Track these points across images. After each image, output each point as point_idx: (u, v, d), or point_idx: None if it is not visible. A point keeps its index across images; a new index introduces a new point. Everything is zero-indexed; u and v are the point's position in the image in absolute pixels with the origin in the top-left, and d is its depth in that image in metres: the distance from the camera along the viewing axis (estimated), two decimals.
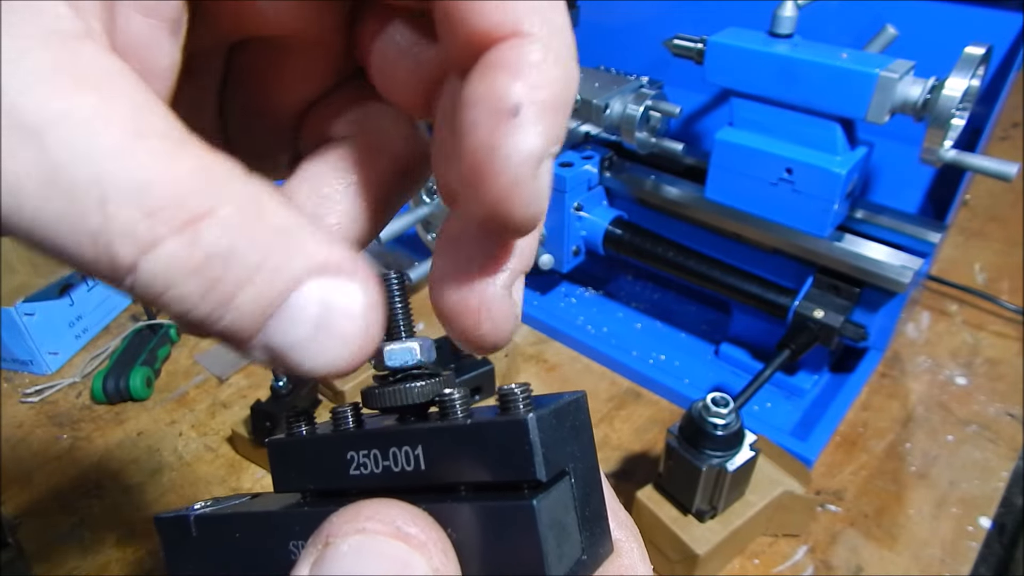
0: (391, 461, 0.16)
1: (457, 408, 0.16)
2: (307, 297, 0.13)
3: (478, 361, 0.58)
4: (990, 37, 0.50)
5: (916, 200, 0.64)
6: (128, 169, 0.12)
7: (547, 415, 0.15)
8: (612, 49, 0.80)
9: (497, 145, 0.13)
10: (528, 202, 0.14)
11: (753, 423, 0.54)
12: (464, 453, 0.15)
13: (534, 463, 0.14)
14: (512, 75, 0.13)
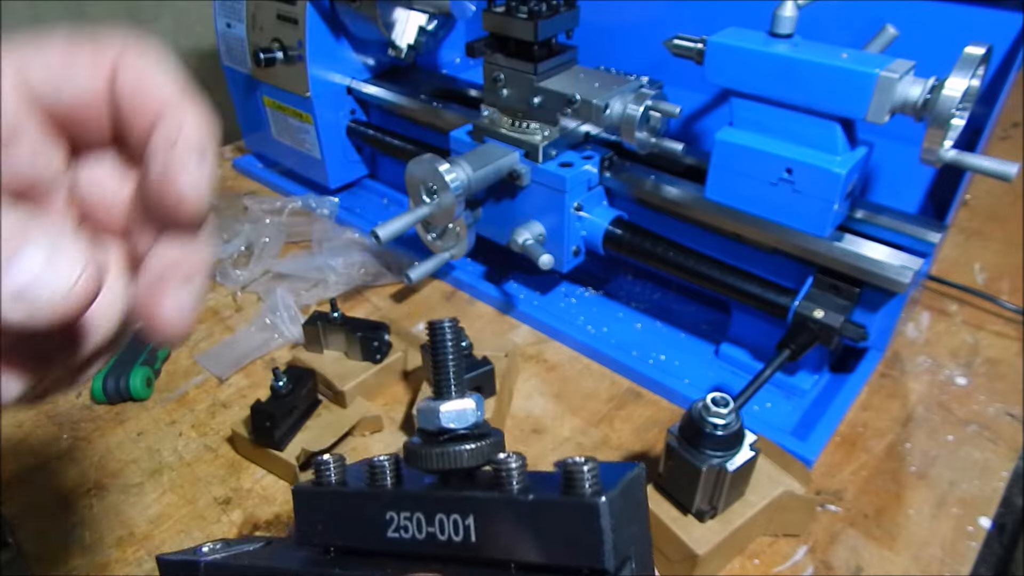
0: (437, 528, 0.15)
1: (515, 478, 0.15)
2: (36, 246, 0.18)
3: (478, 361, 0.58)
4: (990, 37, 0.50)
5: (916, 200, 0.64)
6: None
7: (616, 497, 0.14)
8: (612, 49, 0.80)
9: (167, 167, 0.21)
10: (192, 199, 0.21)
11: (753, 423, 0.54)
12: (522, 530, 0.14)
13: (603, 552, 0.13)
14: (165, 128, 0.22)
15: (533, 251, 0.64)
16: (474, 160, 0.64)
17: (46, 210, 0.23)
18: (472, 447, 0.16)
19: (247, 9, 0.87)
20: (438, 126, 0.81)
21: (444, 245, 0.71)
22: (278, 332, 0.72)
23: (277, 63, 0.86)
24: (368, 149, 0.95)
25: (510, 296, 0.76)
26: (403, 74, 0.92)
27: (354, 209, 0.93)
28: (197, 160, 0.22)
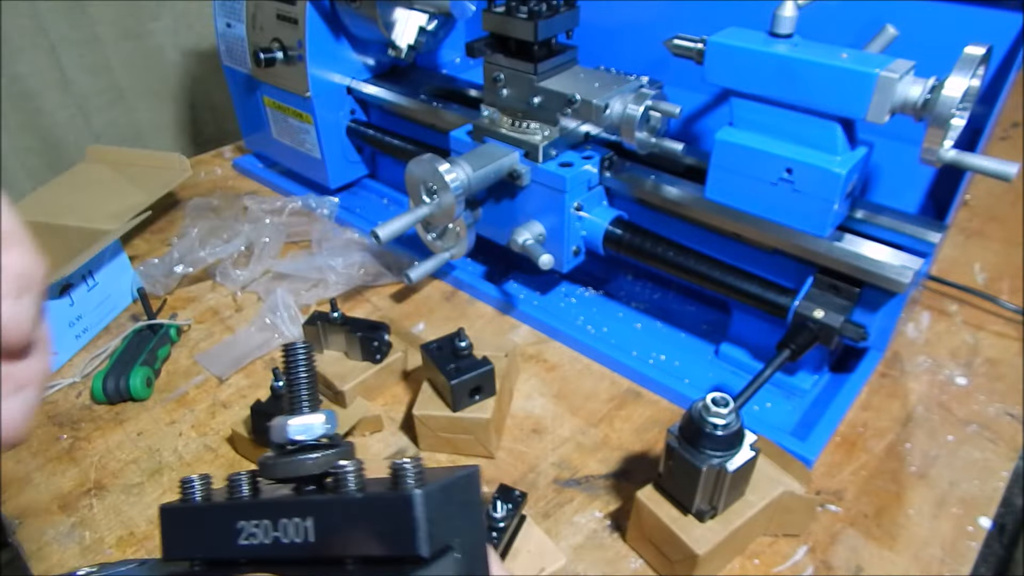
0: (281, 532, 0.16)
1: (350, 480, 0.16)
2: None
3: (478, 361, 0.58)
4: (990, 37, 0.50)
5: (916, 200, 0.64)
6: None
7: (435, 491, 0.15)
8: (612, 49, 0.80)
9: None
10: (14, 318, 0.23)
11: (753, 423, 0.54)
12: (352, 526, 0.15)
13: (417, 538, 0.15)
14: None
15: (533, 251, 0.64)
16: (474, 160, 0.64)
17: None
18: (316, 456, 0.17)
19: (247, 9, 0.87)
20: (438, 126, 0.81)
21: (444, 245, 0.71)
22: (278, 332, 0.72)
23: (277, 63, 0.86)
24: (368, 149, 0.95)
25: (510, 296, 0.76)
26: (403, 74, 0.92)
27: (354, 209, 0.93)
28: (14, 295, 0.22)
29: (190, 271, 0.80)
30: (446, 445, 0.60)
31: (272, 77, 0.89)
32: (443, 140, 0.74)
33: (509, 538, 0.48)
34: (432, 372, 0.59)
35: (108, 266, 0.77)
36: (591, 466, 0.59)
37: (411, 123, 0.86)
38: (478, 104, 0.73)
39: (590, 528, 0.54)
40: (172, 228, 0.93)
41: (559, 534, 0.53)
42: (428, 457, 0.60)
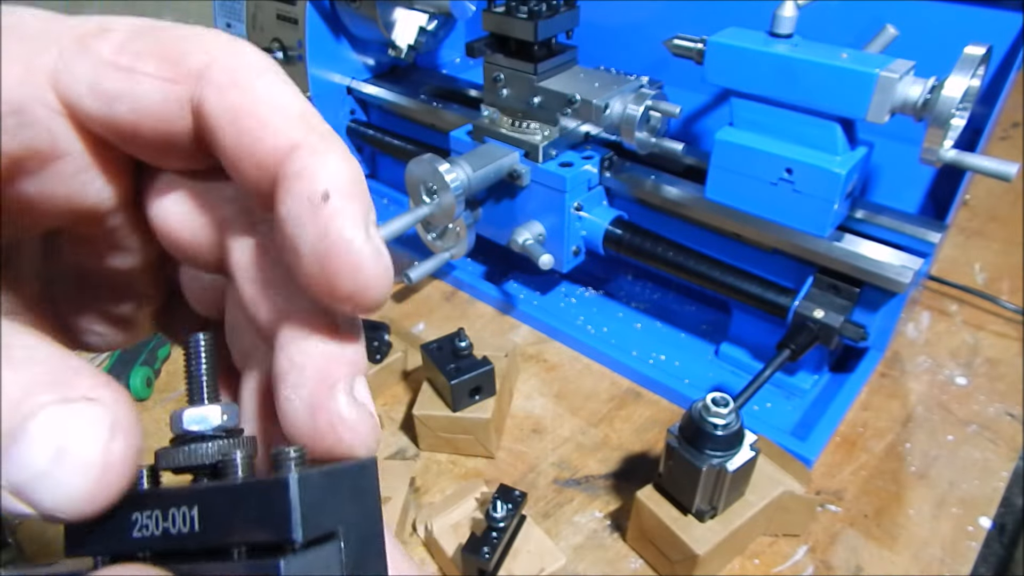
0: (170, 522, 0.16)
1: (238, 468, 0.16)
2: (43, 426, 0.13)
3: (478, 361, 0.58)
4: (990, 37, 0.50)
5: (916, 200, 0.64)
6: None
7: (314, 475, 0.15)
8: (612, 49, 0.80)
9: (330, 233, 0.15)
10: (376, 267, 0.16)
11: (753, 423, 0.54)
12: (232, 513, 0.15)
13: (291, 522, 0.14)
14: (307, 175, 0.15)
15: (533, 251, 0.64)
16: (474, 160, 0.64)
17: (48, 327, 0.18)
18: (207, 445, 0.17)
19: (247, 9, 0.87)
20: (438, 126, 0.81)
21: (444, 245, 0.71)
22: None
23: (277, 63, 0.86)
24: (368, 149, 0.95)
25: (510, 296, 0.76)
26: (403, 74, 0.92)
27: None
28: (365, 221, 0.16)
29: None
30: (446, 445, 0.60)
31: None
32: (443, 140, 0.74)
33: (509, 538, 0.48)
34: (432, 372, 0.59)
35: None
36: (591, 466, 0.59)
37: (411, 123, 0.86)
38: (478, 104, 0.73)
39: (590, 528, 0.54)
40: None
41: (559, 534, 0.53)
42: (428, 457, 0.60)
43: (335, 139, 0.16)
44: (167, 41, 0.16)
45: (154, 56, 0.16)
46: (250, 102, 0.16)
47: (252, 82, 0.16)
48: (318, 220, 0.15)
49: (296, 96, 0.16)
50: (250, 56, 0.16)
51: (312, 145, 0.16)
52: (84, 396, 0.14)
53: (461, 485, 0.54)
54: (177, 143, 0.17)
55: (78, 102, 0.16)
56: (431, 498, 0.57)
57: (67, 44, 0.16)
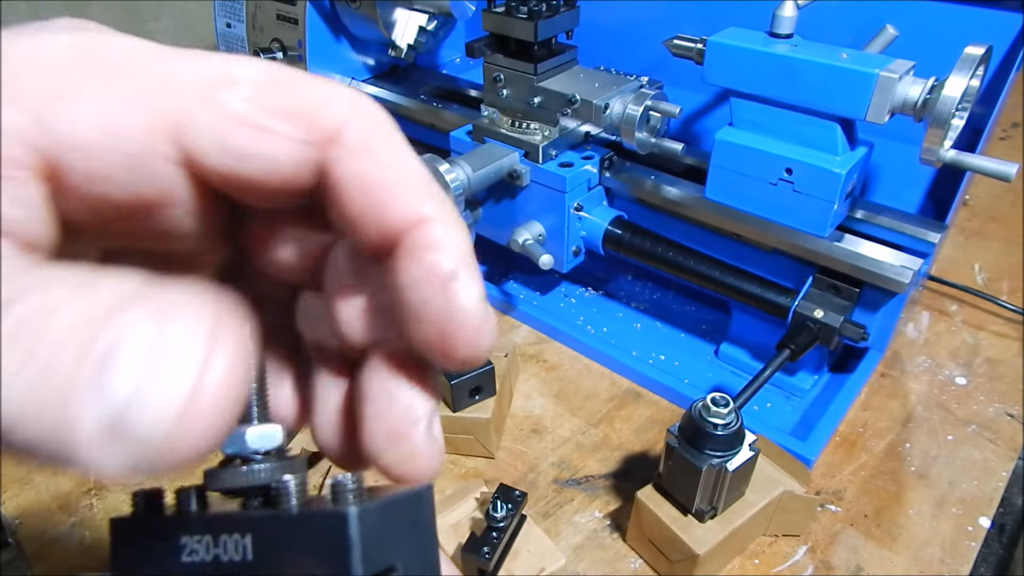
0: (221, 549, 0.15)
1: (291, 496, 0.15)
2: (134, 338, 0.12)
3: None
4: (990, 37, 0.50)
5: (916, 200, 0.64)
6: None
7: (373, 508, 0.15)
8: (612, 49, 0.80)
9: (454, 307, 0.16)
10: (490, 330, 0.17)
11: (753, 423, 0.54)
12: (288, 545, 0.15)
13: (351, 559, 0.14)
14: (438, 250, 0.16)
15: (533, 251, 0.64)
16: (474, 160, 0.64)
17: None
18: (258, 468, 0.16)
19: (247, 9, 0.87)
20: (438, 126, 0.81)
21: None
22: None
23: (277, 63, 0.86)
24: None
25: (510, 296, 0.76)
26: (403, 74, 0.92)
27: None
28: (482, 292, 0.17)
29: None
30: (446, 445, 0.60)
31: None
32: (443, 140, 0.74)
33: (509, 538, 0.48)
34: None
35: None
36: (591, 466, 0.59)
37: (411, 123, 0.86)
38: (478, 104, 0.73)
39: (590, 528, 0.54)
40: None
41: (559, 534, 0.53)
42: None
43: (454, 209, 0.17)
44: (298, 99, 0.16)
45: (286, 115, 0.15)
46: (381, 170, 0.16)
47: (382, 149, 0.16)
48: (446, 296, 0.16)
49: (418, 162, 0.17)
50: (378, 118, 0.17)
51: (439, 218, 0.16)
52: (179, 303, 0.13)
53: (461, 485, 0.54)
54: (294, 195, 0.17)
55: (202, 157, 0.15)
56: None
57: (192, 93, 0.15)
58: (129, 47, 0.15)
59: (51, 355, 0.11)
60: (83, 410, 0.11)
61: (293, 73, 0.16)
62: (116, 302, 0.12)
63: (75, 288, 0.12)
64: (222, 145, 0.15)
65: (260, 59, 0.17)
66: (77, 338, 0.12)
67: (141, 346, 0.12)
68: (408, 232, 0.16)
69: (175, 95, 0.15)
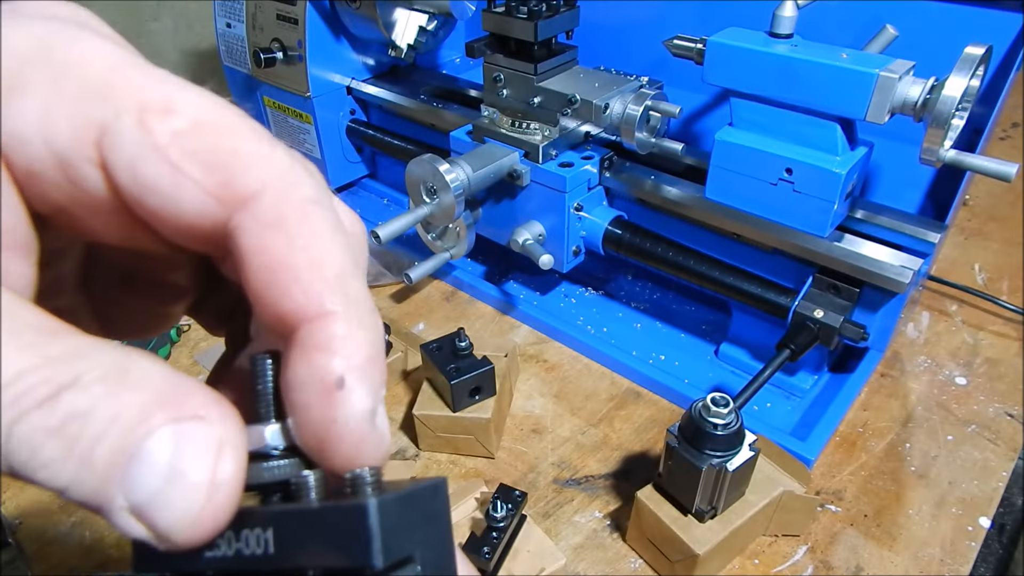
0: (243, 543, 0.16)
1: (311, 490, 0.16)
2: (158, 444, 0.14)
3: (478, 361, 0.58)
4: (990, 37, 0.50)
5: (916, 200, 0.64)
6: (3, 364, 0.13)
7: (391, 500, 0.15)
8: (612, 49, 0.80)
9: (334, 418, 0.15)
10: (375, 447, 0.16)
11: (753, 423, 0.54)
12: (309, 537, 0.15)
13: (371, 549, 0.14)
14: (329, 353, 0.15)
15: (533, 251, 0.64)
16: (474, 160, 0.64)
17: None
18: (279, 463, 0.17)
19: (247, 9, 0.87)
20: (438, 126, 0.81)
21: (444, 245, 0.71)
22: None
23: (277, 63, 0.86)
24: (368, 149, 0.95)
25: (510, 296, 0.76)
26: (403, 74, 0.92)
27: (354, 209, 0.93)
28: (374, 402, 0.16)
29: None
30: (446, 445, 0.60)
31: (272, 77, 0.89)
32: (443, 140, 0.74)
33: (509, 538, 0.48)
34: (432, 372, 0.59)
35: None
36: (591, 466, 0.59)
37: (411, 123, 0.86)
38: (478, 104, 0.73)
39: (590, 528, 0.54)
40: None
41: (559, 534, 0.54)
42: (428, 457, 0.60)
43: (365, 304, 0.16)
44: (224, 149, 0.15)
45: (204, 162, 0.15)
46: (287, 250, 0.15)
47: (298, 227, 0.15)
48: (327, 405, 0.15)
49: (337, 246, 0.16)
50: (306, 194, 0.16)
51: (343, 316, 0.15)
52: (194, 415, 0.14)
53: (461, 485, 0.54)
54: (200, 240, 0.16)
55: (115, 173, 0.15)
56: None
57: (126, 108, 0.15)
58: (91, 49, 0.15)
59: (89, 451, 0.14)
60: (115, 498, 0.14)
61: (237, 121, 0.16)
62: (142, 409, 0.14)
63: (107, 386, 0.14)
64: (133, 171, 0.15)
65: (211, 97, 0.16)
66: (110, 442, 0.14)
67: (163, 457, 0.14)
68: (304, 325, 0.15)
69: (111, 107, 0.15)
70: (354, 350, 0.15)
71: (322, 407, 0.15)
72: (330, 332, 0.15)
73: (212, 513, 0.14)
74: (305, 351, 0.15)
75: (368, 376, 0.16)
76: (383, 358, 0.16)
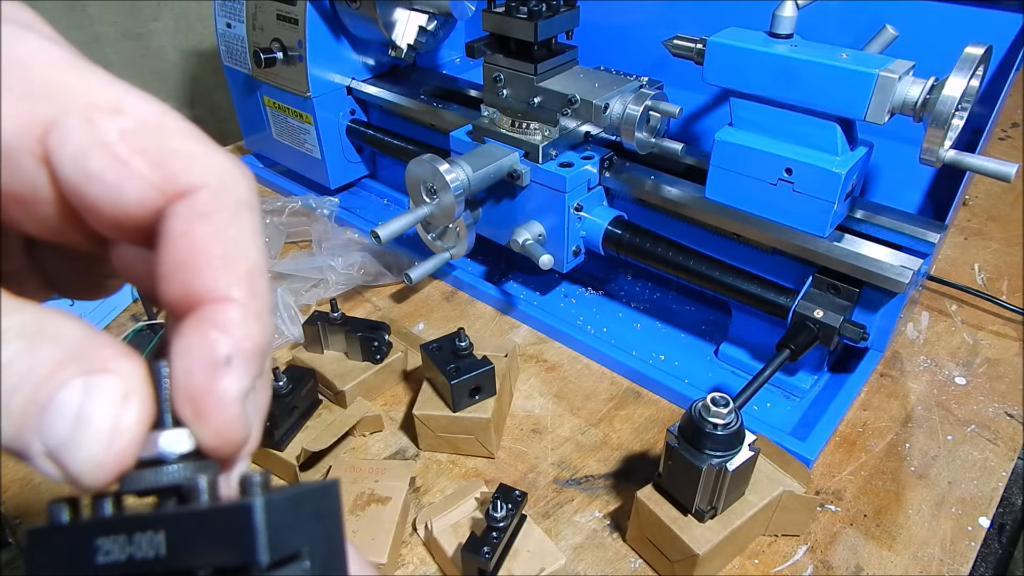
0: (136, 547, 0.16)
1: (202, 492, 0.17)
2: (68, 395, 0.15)
3: (478, 361, 0.58)
4: (990, 37, 0.50)
5: (916, 200, 0.64)
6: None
7: (278, 499, 0.16)
8: (612, 49, 0.80)
9: (212, 390, 0.17)
10: (242, 427, 0.17)
11: (753, 423, 0.54)
12: (199, 538, 0.15)
13: (256, 545, 0.15)
14: (224, 332, 0.17)
15: (533, 251, 0.64)
16: (474, 160, 0.64)
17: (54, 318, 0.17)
18: (171, 468, 0.17)
19: (247, 9, 0.87)
20: (438, 126, 0.81)
21: (444, 245, 0.71)
22: (278, 332, 0.72)
23: (277, 63, 0.86)
24: (368, 149, 0.95)
25: (510, 296, 0.76)
26: (403, 74, 0.92)
27: (354, 209, 0.93)
28: (248, 390, 0.17)
29: None
30: (446, 445, 0.60)
31: (272, 77, 0.89)
32: (443, 140, 0.74)
33: (509, 538, 0.48)
34: (432, 372, 0.59)
35: None
36: (591, 466, 0.59)
37: (411, 123, 0.86)
38: (478, 104, 0.73)
39: (590, 528, 0.54)
40: None
41: (559, 534, 0.54)
42: (428, 457, 0.60)
43: (265, 304, 0.18)
44: (168, 149, 0.16)
45: (152, 160, 0.16)
46: (211, 238, 0.17)
47: (224, 222, 0.17)
48: (210, 377, 0.17)
49: (255, 247, 0.17)
50: (240, 197, 0.17)
51: (244, 306, 0.17)
52: (104, 368, 0.16)
53: (461, 485, 0.54)
54: (127, 230, 0.17)
55: (59, 166, 0.16)
56: (431, 498, 0.57)
57: (75, 108, 0.16)
58: (38, 49, 0.16)
59: (7, 400, 0.15)
60: (33, 443, 0.16)
61: (181, 125, 0.17)
62: (56, 362, 0.16)
63: (24, 342, 0.15)
64: (80, 163, 0.16)
65: (156, 102, 0.17)
66: (24, 392, 0.15)
67: (72, 406, 0.15)
68: (208, 304, 0.17)
69: (58, 104, 0.16)
70: (246, 337, 0.17)
71: (204, 377, 0.17)
72: (229, 315, 0.17)
73: (115, 457, 0.16)
74: (201, 325, 0.17)
75: (251, 364, 0.17)
76: (268, 356, 0.18)
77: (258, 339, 0.17)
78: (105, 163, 0.16)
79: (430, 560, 0.52)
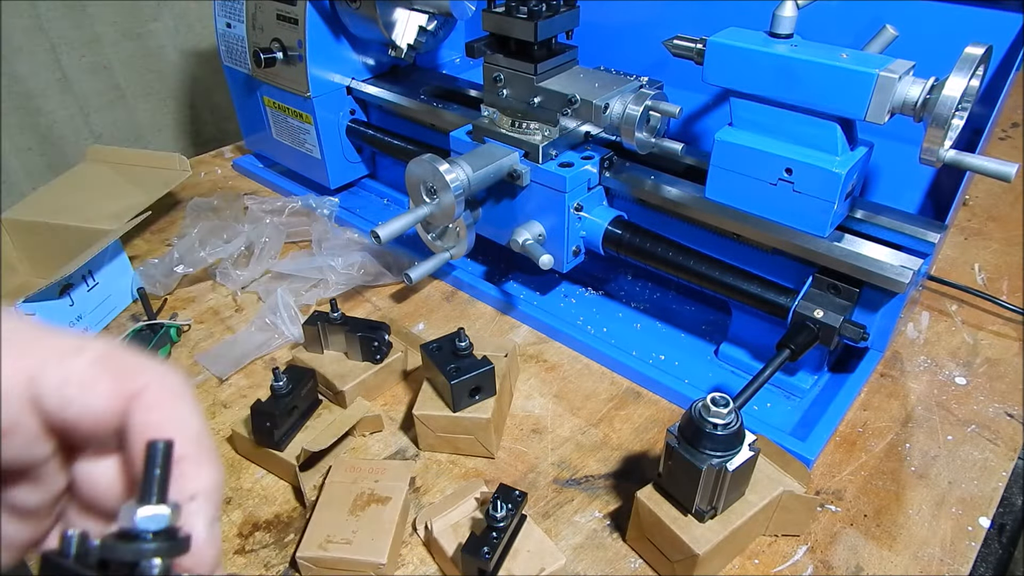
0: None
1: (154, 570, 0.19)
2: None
3: (478, 361, 0.58)
4: (990, 37, 0.50)
5: (916, 200, 0.64)
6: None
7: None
8: (612, 49, 0.80)
9: (184, 524, 0.22)
10: (214, 548, 0.22)
11: (753, 423, 0.54)
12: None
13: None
14: (185, 480, 0.22)
15: (533, 251, 0.64)
16: (474, 160, 0.64)
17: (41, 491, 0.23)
18: (133, 545, 0.19)
19: (247, 9, 0.87)
20: (438, 126, 0.81)
21: (444, 245, 0.71)
22: (278, 332, 0.72)
23: (277, 63, 0.86)
24: (368, 149, 0.95)
25: (510, 296, 0.76)
26: (403, 74, 0.92)
27: (354, 209, 0.93)
28: (215, 519, 0.22)
29: (190, 271, 0.80)
30: (446, 445, 0.60)
31: (272, 77, 0.89)
32: (443, 140, 0.74)
33: (509, 538, 0.48)
34: (432, 372, 0.59)
35: (108, 266, 0.77)
36: (591, 466, 0.59)
37: (411, 123, 0.86)
38: (478, 104, 0.73)
39: (590, 528, 0.54)
40: (172, 228, 0.93)
41: (559, 534, 0.54)
42: (428, 457, 0.60)
43: (213, 455, 0.23)
44: (122, 368, 0.22)
45: (109, 377, 0.22)
46: (161, 419, 0.22)
47: (169, 408, 0.22)
48: (184, 513, 0.21)
49: (196, 417, 0.23)
50: (175, 389, 0.23)
51: (194, 458, 0.22)
52: None
53: (461, 485, 0.54)
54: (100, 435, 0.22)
55: (41, 399, 0.21)
56: (431, 498, 0.57)
57: (49, 356, 0.21)
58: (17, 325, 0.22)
59: None
60: None
61: (128, 351, 0.23)
62: None
63: None
64: (58, 392, 0.21)
65: (109, 340, 0.23)
66: None
67: None
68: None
69: (37, 355, 0.21)
70: (204, 480, 0.22)
71: None
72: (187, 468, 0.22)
73: None
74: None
75: (212, 499, 0.22)
76: (221, 491, 0.23)
77: (214, 479, 0.23)
78: (76, 388, 0.21)
79: (430, 560, 0.52)
